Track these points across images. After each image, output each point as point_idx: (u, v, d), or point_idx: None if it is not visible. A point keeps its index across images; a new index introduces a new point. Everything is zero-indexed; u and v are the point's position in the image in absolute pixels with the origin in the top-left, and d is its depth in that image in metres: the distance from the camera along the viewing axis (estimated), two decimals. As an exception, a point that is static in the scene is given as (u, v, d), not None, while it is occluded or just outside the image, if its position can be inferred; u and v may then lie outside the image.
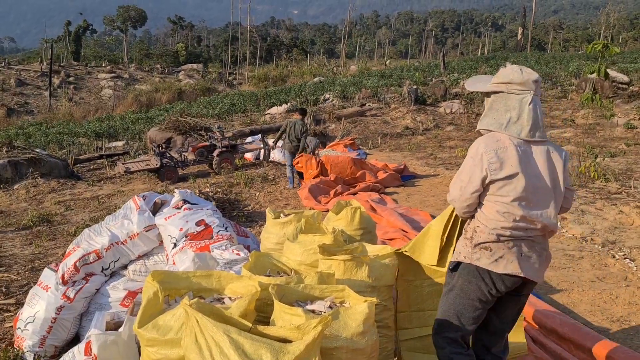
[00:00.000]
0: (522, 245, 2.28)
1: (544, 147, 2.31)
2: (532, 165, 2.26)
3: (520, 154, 2.24)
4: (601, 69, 9.26)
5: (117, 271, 3.68)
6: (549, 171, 2.28)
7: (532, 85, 2.32)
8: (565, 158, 2.37)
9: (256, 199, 8.78)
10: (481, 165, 2.25)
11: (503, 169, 2.22)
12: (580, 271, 4.63)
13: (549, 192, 2.28)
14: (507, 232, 2.25)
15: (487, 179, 2.26)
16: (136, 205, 3.68)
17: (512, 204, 2.23)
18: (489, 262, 2.27)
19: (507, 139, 2.27)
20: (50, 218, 8.61)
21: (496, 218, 2.26)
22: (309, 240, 2.82)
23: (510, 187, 2.23)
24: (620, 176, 8.22)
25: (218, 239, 3.41)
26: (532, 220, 2.25)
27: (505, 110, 2.31)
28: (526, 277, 2.27)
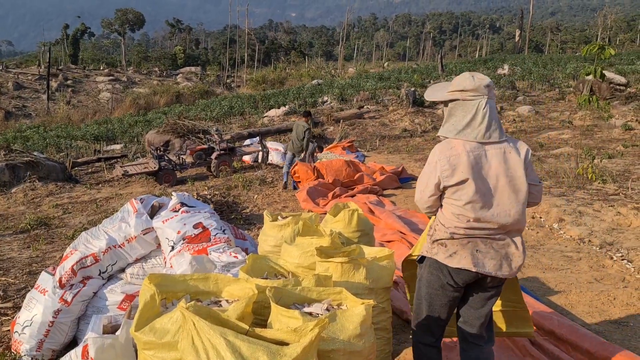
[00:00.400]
0: (478, 242, 2.41)
1: (500, 148, 2.42)
2: (485, 168, 2.39)
3: (472, 159, 2.37)
4: (597, 70, 9.29)
5: (115, 274, 3.67)
6: (505, 171, 2.39)
7: (484, 90, 2.44)
8: (526, 155, 2.46)
9: (254, 202, 8.77)
10: (435, 172, 2.42)
11: (454, 176, 2.37)
12: (578, 272, 4.63)
13: (505, 192, 2.38)
14: (461, 230, 2.40)
15: (441, 185, 2.42)
16: (134, 208, 3.67)
17: (465, 207, 2.38)
18: (444, 257, 2.44)
19: (461, 145, 2.40)
20: (48, 221, 8.59)
21: (451, 218, 2.43)
22: (307, 242, 2.82)
23: (462, 192, 2.38)
24: (618, 177, 8.23)
25: (216, 241, 3.40)
26: (487, 220, 2.38)
27: (462, 116, 2.44)
28: (480, 272, 2.38)
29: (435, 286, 2.50)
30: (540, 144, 13.15)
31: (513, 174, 2.40)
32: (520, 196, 2.41)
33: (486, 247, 2.40)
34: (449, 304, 2.53)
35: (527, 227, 6.27)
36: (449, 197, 2.43)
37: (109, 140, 20.33)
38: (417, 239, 5.51)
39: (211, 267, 2.97)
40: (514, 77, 26.19)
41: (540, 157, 11.24)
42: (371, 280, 2.59)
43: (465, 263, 2.38)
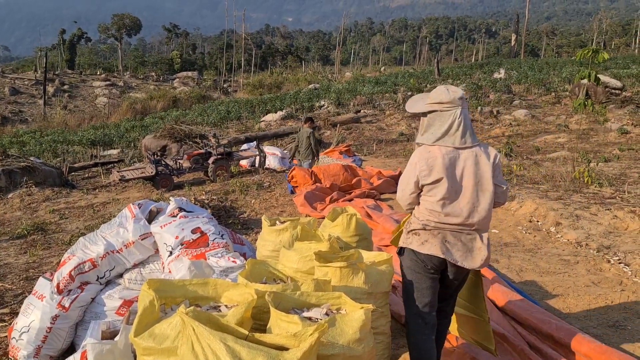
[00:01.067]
0: (447, 234, 2.74)
1: (472, 152, 2.74)
2: (458, 170, 2.71)
3: (446, 162, 2.69)
4: (592, 74, 9.34)
5: (113, 280, 3.65)
6: (474, 172, 2.71)
7: (458, 101, 2.76)
8: (494, 159, 2.79)
9: (252, 206, 8.76)
10: (415, 172, 2.75)
11: (431, 176, 2.70)
12: (575, 276, 4.64)
13: (473, 191, 2.71)
14: (432, 223, 2.75)
15: (420, 183, 2.74)
16: (132, 213, 3.66)
17: (438, 202, 2.71)
18: (417, 245, 2.78)
19: (437, 150, 2.73)
20: (45, 227, 8.56)
21: (425, 212, 2.77)
22: (305, 247, 2.82)
23: (436, 189, 2.71)
24: (614, 181, 8.26)
25: (214, 246, 3.39)
26: (455, 215, 2.71)
27: (440, 126, 2.75)
28: (447, 259, 2.73)
29: (416, 270, 2.81)
30: (536, 147, 13.19)
31: (482, 176, 2.72)
32: (486, 196, 2.72)
33: (454, 239, 2.74)
34: (430, 287, 2.81)
35: (525, 231, 6.28)
36: (425, 194, 2.76)
37: (106, 145, 20.30)
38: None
39: (210, 273, 2.96)
40: (510, 81, 26.29)
41: (537, 160, 11.27)
42: (370, 284, 2.59)
43: (434, 250, 2.72)
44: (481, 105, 21.06)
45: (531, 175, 9.28)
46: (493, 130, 17.69)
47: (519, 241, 5.89)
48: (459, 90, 2.81)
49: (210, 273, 2.95)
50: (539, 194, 7.72)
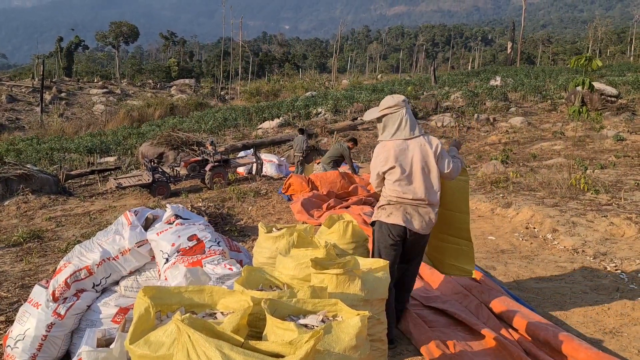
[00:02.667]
0: (407, 207, 3.47)
1: (418, 141, 3.49)
2: (407, 157, 3.45)
3: (397, 152, 3.45)
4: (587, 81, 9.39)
5: (109, 287, 3.64)
6: (421, 158, 3.45)
7: (402, 104, 3.54)
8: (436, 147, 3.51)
9: (248, 214, 8.74)
10: (376, 162, 3.56)
11: (386, 164, 3.46)
12: (572, 283, 4.63)
13: (420, 175, 3.44)
14: (394, 199, 3.49)
15: (380, 171, 3.51)
16: (128, 220, 3.65)
17: (394, 184, 3.46)
18: (384, 217, 3.51)
19: (391, 144, 3.50)
20: (41, 234, 8.53)
21: (388, 191, 3.52)
22: (301, 254, 2.81)
23: (391, 174, 3.46)
24: (611, 188, 8.28)
25: (210, 253, 3.38)
26: (410, 193, 3.44)
27: (392, 124, 3.52)
28: (407, 227, 3.44)
29: (383, 239, 3.51)
30: (533, 154, 13.23)
31: (426, 160, 3.46)
32: (433, 176, 3.47)
33: (413, 211, 3.47)
34: (393, 251, 3.50)
35: (521, 238, 6.28)
36: (386, 178, 3.52)
37: (103, 152, 20.26)
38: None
39: (206, 280, 2.95)
40: (506, 88, 26.40)
41: (533, 167, 11.30)
42: (366, 291, 2.59)
43: (397, 220, 3.44)
44: (477, 113, 21.13)
45: (527, 182, 9.30)
46: (489, 137, 17.74)
47: (516, 248, 5.89)
48: (401, 95, 3.60)
49: (206, 280, 2.94)
50: (536, 200, 7.73)
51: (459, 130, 19.12)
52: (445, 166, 3.50)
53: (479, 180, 10.10)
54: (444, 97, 25.39)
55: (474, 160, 13.59)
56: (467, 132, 19.14)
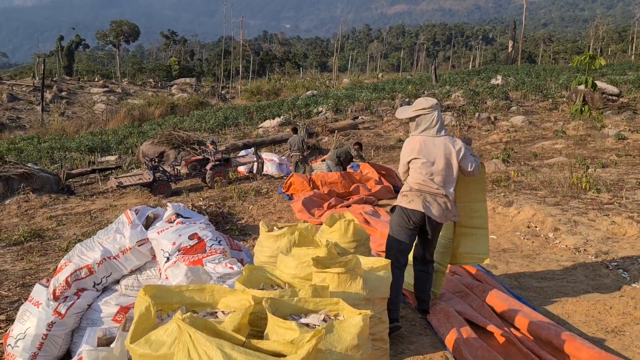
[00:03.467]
0: (427, 196, 3.80)
1: (443, 141, 3.84)
2: (432, 152, 3.79)
3: (422, 146, 3.81)
4: (589, 80, 9.35)
5: (109, 286, 3.62)
6: (444, 155, 3.79)
7: (435, 106, 3.89)
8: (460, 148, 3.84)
9: (249, 212, 8.74)
10: (404, 152, 3.91)
11: (412, 155, 3.83)
12: (574, 282, 4.62)
13: (441, 169, 3.78)
14: (416, 186, 3.82)
15: (406, 160, 3.87)
16: (128, 219, 3.64)
17: (417, 173, 3.80)
18: (405, 203, 3.83)
19: (419, 138, 3.86)
20: (42, 233, 8.52)
21: (411, 179, 3.86)
22: (303, 253, 2.80)
23: (416, 164, 3.82)
24: (612, 187, 8.25)
25: (211, 252, 3.37)
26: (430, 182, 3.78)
27: (425, 123, 3.87)
28: (426, 214, 3.76)
29: (401, 223, 3.83)
30: (534, 153, 13.20)
31: (448, 158, 3.80)
32: (451, 171, 3.82)
33: (432, 199, 3.79)
34: (405, 234, 3.82)
35: (523, 237, 6.27)
36: (410, 167, 3.87)
37: (104, 151, 20.26)
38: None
39: (207, 279, 2.94)
40: (507, 87, 26.35)
41: (535, 166, 11.27)
42: (368, 290, 2.57)
43: (417, 207, 3.76)
44: (478, 112, 21.10)
45: (529, 181, 9.27)
46: (490, 136, 17.72)
47: (517, 247, 5.88)
48: (434, 99, 3.96)
49: (207, 279, 2.93)
50: (537, 199, 7.72)
51: (460, 129, 19.08)
52: (469, 166, 3.86)
53: (480, 179, 10.08)
54: (445, 96, 25.36)
55: (475, 159, 13.56)
56: (468, 131, 19.11)
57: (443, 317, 3.67)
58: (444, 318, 3.64)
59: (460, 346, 3.22)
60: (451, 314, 3.66)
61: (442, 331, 3.50)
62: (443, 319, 3.65)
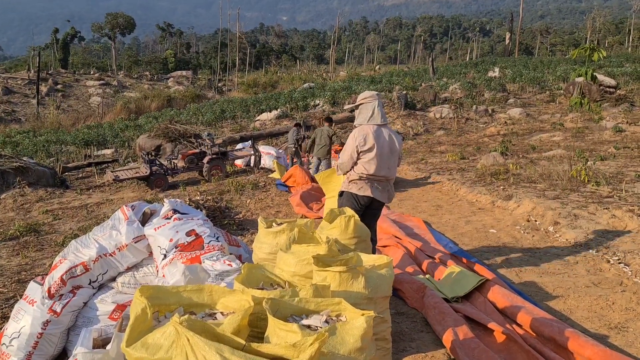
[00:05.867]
0: (374, 182, 4.28)
1: (387, 131, 4.33)
2: (382, 141, 4.23)
3: (375, 135, 4.20)
4: (588, 72, 9.30)
5: (106, 283, 3.56)
6: (389, 144, 4.27)
7: (375, 96, 4.37)
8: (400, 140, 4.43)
9: (247, 207, 8.67)
10: (354, 144, 4.22)
11: (366, 145, 4.19)
12: (575, 277, 4.57)
13: (388, 157, 4.26)
14: (364, 176, 4.24)
15: (358, 150, 4.20)
16: (125, 215, 3.57)
17: (370, 162, 4.21)
18: (355, 189, 4.30)
19: (368, 128, 4.24)
20: (38, 228, 8.45)
21: (361, 168, 4.24)
22: (303, 250, 2.73)
23: (369, 153, 4.19)
24: (611, 180, 8.21)
25: (209, 249, 3.30)
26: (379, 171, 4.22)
27: (366, 112, 4.30)
28: (375, 197, 4.28)
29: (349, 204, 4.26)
30: (532, 146, 13.16)
31: (393, 147, 4.29)
32: (395, 159, 4.36)
33: (379, 185, 4.30)
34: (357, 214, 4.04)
35: (523, 230, 6.22)
36: (361, 157, 4.23)
37: (100, 145, 20.13)
38: (412, 243, 5.47)
39: (205, 277, 2.88)
40: (504, 79, 26.27)
41: (533, 159, 11.23)
42: (370, 289, 2.51)
43: (368, 193, 4.26)
44: (476, 104, 21.04)
45: (528, 174, 9.23)
46: (488, 128, 17.67)
47: (518, 241, 5.83)
48: (375, 91, 4.49)
49: (205, 277, 2.87)
50: (536, 193, 7.68)
51: (458, 121, 19.03)
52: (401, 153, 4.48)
53: (478, 172, 10.04)
54: (443, 89, 25.28)
55: (473, 151, 13.52)
56: (465, 124, 19.06)
57: (437, 313, 3.60)
58: (439, 315, 3.57)
59: (456, 348, 3.16)
60: (445, 311, 3.58)
61: (438, 329, 3.44)
62: (438, 316, 3.57)
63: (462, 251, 5.35)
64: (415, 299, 3.95)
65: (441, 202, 8.26)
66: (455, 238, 6.04)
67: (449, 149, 14.36)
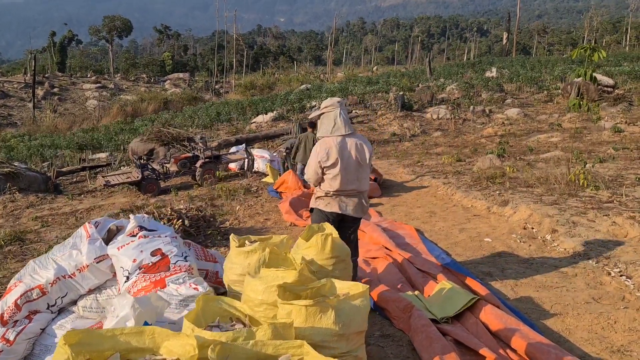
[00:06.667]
0: (342, 197, 4.06)
1: (354, 141, 4.02)
2: (347, 153, 3.97)
3: (339, 148, 3.94)
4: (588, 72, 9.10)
5: (67, 307, 3.29)
6: (358, 156, 4.00)
7: (337, 104, 4.05)
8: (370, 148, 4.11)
9: (236, 213, 8.42)
10: (316, 159, 3.99)
11: (329, 160, 3.95)
12: (574, 291, 4.31)
13: (357, 169, 4.01)
14: (331, 192, 4.04)
15: (323, 165, 3.97)
16: (87, 233, 3.30)
17: (334, 178, 3.99)
18: (322, 206, 4.11)
19: (331, 140, 3.98)
20: (23, 236, 8.19)
21: (326, 184, 4.05)
22: (272, 275, 2.47)
23: (333, 169, 3.96)
24: (611, 183, 7.96)
25: (175, 270, 3.03)
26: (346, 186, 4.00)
27: (328, 122, 4.03)
28: (343, 213, 4.08)
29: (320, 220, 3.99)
30: (529, 147, 12.92)
31: (362, 158, 4.01)
32: (365, 170, 4.10)
33: (347, 199, 4.08)
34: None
35: (519, 239, 5.96)
36: (325, 173, 4.01)
37: (95, 148, 19.88)
38: (402, 255, 5.21)
39: (162, 306, 2.62)
40: (502, 79, 26.04)
41: (530, 161, 10.99)
42: (341, 324, 2.22)
43: (335, 209, 4.07)
44: (473, 105, 20.80)
45: (525, 177, 8.98)
46: (485, 129, 17.43)
47: (513, 251, 5.56)
48: (338, 98, 4.12)
49: (163, 307, 2.61)
50: (533, 198, 7.42)
51: (455, 122, 18.79)
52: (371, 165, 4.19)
53: (474, 175, 9.79)
54: (440, 89, 25.04)
55: (470, 153, 13.27)
56: (462, 124, 18.82)
57: (424, 338, 3.31)
58: (426, 340, 3.27)
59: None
60: (433, 336, 3.29)
61: (425, 357, 3.15)
62: (425, 341, 3.28)
63: (455, 263, 5.08)
64: (401, 319, 3.67)
65: (435, 207, 7.99)
66: (448, 248, 5.77)
67: (446, 150, 14.11)
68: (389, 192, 9.55)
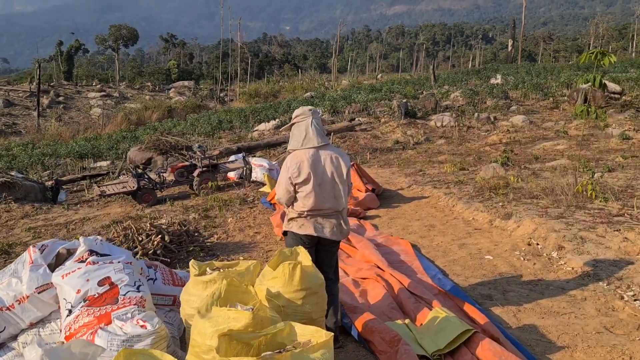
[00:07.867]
0: (317, 217, 3.60)
1: (329, 154, 3.59)
2: (320, 167, 3.54)
3: (311, 162, 3.51)
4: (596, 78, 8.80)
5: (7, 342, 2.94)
6: (334, 170, 3.56)
7: (308, 113, 3.69)
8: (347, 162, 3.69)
9: (226, 226, 8.06)
10: (286, 174, 3.56)
11: (300, 176, 3.51)
12: (584, 318, 3.89)
13: (333, 186, 3.57)
14: (304, 212, 3.58)
15: (292, 182, 3.54)
16: (30, 258, 2.95)
17: (307, 196, 3.53)
18: (296, 228, 3.64)
19: (303, 153, 3.54)
20: (11, 249, 7.92)
21: (299, 204, 3.60)
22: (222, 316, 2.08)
23: (306, 186, 3.52)
24: (621, 194, 7.53)
25: (124, 303, 2.65)
26: (321, 204, 3.55)
27: (299, 133, 3.60)
28: (319, 236, 3.60)
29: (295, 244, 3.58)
30: (535, 156, 12.51)
31: (338, 173, 3.58)
32: (342, 188, 3.61)
33: (324, 220, 3.61)
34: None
35: (523, 257, 5.53)
36: (297, 191, 3.56)
37: (97, 157, 19.67)
38: (395, 276, 4.82)
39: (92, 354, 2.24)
40: (507, 86, 25.65)
41: (535, 170, 10.58)
42: (295, 384, 1.86)
43: (309, 231, 3.59)
44: (478, 112, 20.42)
45: (530, 187, 8.56)
46: (490, 137, 17.03)
47: (516, 270, 5.14)
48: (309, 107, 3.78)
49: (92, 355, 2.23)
50: (538, 210, 7.00)
51: (459, 130, 18.40)
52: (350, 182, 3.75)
53: (477, 185, 9.39)
54: (444, 96, 24.69)
55: (473, 162, 12.86)
56: (467, 132, 18.42)
57: None
58: None
59: None
60: None
61: None
62: None
63: (452, 285, 4.65)
64: (388, 354, 3.26)
65: (435, 220, 7.58)
66: (446, 266, 5.36)
67: (449, 158, 13.70)
68: (388, 202, 9.15)
